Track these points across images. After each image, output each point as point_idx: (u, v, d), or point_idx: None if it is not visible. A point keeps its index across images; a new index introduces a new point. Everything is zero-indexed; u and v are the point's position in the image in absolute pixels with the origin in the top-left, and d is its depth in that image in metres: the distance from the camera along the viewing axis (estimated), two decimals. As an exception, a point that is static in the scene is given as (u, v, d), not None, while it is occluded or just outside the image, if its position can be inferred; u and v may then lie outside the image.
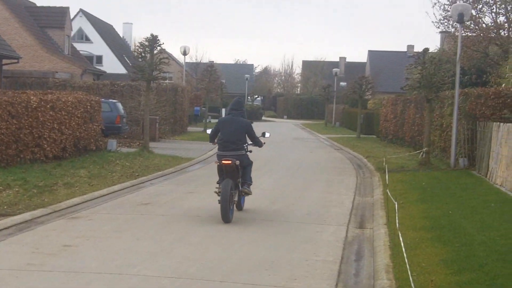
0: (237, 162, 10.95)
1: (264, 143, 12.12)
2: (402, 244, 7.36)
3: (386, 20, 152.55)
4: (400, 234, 7.82)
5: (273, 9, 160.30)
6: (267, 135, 12.77)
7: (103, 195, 13.60)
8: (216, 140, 11.63)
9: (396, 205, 9.55)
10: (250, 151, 11.59)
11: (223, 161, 11.01)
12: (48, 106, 17.56)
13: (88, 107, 20.73)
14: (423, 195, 14.09)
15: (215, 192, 11.49)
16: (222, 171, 11.18)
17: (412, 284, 6.76)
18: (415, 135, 26.93)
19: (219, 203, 10.84)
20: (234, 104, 11.59)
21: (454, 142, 19.67)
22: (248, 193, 11.56)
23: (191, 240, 9.54)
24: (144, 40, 23.35)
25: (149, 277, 7.48)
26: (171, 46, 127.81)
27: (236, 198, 11.32)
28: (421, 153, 20.73)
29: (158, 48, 23.43)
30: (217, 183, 11.39)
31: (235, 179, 11.07)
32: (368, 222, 11.59)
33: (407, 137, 28.42)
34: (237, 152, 11.10)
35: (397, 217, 8.70)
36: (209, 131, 12.00)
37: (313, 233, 10.29)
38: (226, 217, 10.69)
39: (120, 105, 27.47)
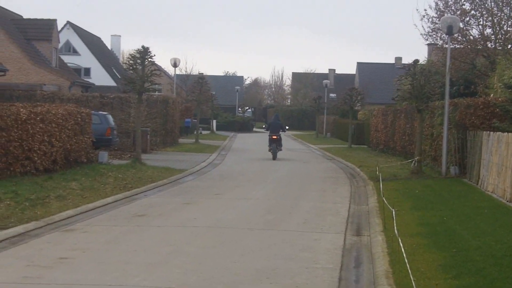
0: (276, 137, 28.67)
1: (288, 127, 32.09)
2: (402, 249, 7.39)
3: (375, 32, 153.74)
4: (400, 240, 7.84)
5: (262, 21, 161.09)
6: (287, 127, 29.05)
7: (97, 207, 13.51)
8: (268, 128, 30.13)
9: (394, 212, 9.58)
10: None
11: (273, 136, 28.54)
12: (38, 118, 17.43)
13: (79, 119, 20.63)
14: (417, 203, 14.16)
15: (269, 151, 28.67)
16: (272, 140, 28.60)
17: (414, 290, 6.77)
18: (406, 145, 27.07)
19: (269, 151, 28.65)
20: (275, 116, 31.32)
21: (445, 151, 19.81)
22: (280, 149, 29.03)
23: (189, 251, 9.49)
24: (135, 52, 23.36)
25: None
26: (160, 58, 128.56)
27: (276, 152, 28.36)
28: (413, 162, 20.83)
29: (149, 60, 23.43)
30: (269, 146, 28.86)
31: (276, 144, 28.48)
32: (365, 230, 11.62)
33: (398, 147, 28.55)
34: (277, 134, 28.72)
35: (395, 224, 8.73)
36: (261, 128, 40.20)
37: (311, 241, 10.29)
38: (275, 158, 28.16)
39: (110, 117, 27.38)
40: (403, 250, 7.59)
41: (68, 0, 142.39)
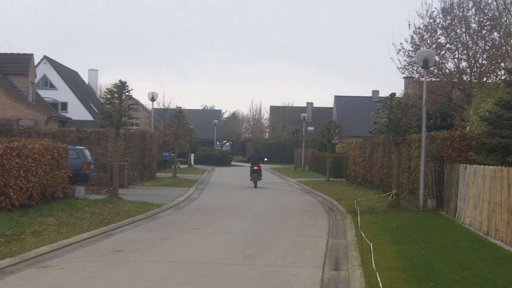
0: (257, 167, 33.05)
1: (266, 159, 42.64)
2: (380, 284, 7.37)
3: (352, 65, 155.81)
4: (377, 274, 7.82)
5: (241, 54, 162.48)
6: (265, 159, 40.36)
7: (73, 243, 13.33)
8: (249, 160, 34.73)
9: (371, 246, 9.58)
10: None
11: (254, 167, 32.85)
12: (14, 153, 17.25)
13: (55, 154, 20.45)
14: (395, 236, 14.18)
15: (250, 180, 33.13)
16: (253, 171, 32.93)
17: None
18: (383, 178, 27.23)
19: (251, 180, 33.10)
20: (255, 150, 35.86)
21: (422, 184, 19.95)
22: (260, 179, 33.43)
23: (167, 287, 9.37)
24: (112, 86, 23.34)
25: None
26: (137, 92, 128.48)
27: (257, 181, 32.76)
28: (391, 195, 20.93)
29: (127, 94, 23.41)
30: (250, 176, 33.34)
31: (257, 174, 32.92)
32: (343, 264, 11.59)
33: (376, 180, 28.70)
34: (258, 165, 33.24)
35: (373, 258, 8.72)
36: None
37: (289, 276, 10.22)
38: (256, 186, 32.56)
39: (87, 152, 27.21)
40: (380, 285, 7.58)
41: (45, 34, 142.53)
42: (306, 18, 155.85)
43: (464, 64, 31.38)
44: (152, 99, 41.36)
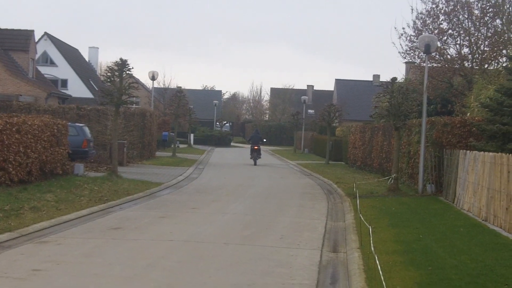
0: (257, 147, 36.22)
1: (265, 140, 44.83)
2: (379, 267, 7.38)
3: (353, 49, 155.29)
4: (376, 257, 7.83)
5: (243, 35, 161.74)
6: (264, 140, 40.18)
7: (72, 220, 13.35)
8: (249, 140, 40.90)
9: (370, 229, 9.59)
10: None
11: (254, 147, 36.03)
12: (14, 129, 17.21)
13: (55, 130, 20.42)
14: (393, 220, 14.21)
15: (250, 158, 36.45)
16: (253, 150, 36.08)
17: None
18: (383, 162, 27.23)
19: (251, 158, 36.24)
20: (255, 131, 39.20)
21: (421, 169, 19.95)
22: (259, 157, 36.38)
23: (165, 265, 9.39)
24: (113, 64, 23.21)
25: (123, 301, 7.32)
26: (138, 71, 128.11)
27: (256, 159, 35.90)
28: (390, 179, 20.94)
29: (127, 72, 23.30)
30: (250, 154, 36.55)
31: (257, 153, 35.88)
32: (341, 246, 11.62)
33: (375, 164, 28.71)
34: (257, 145, 36.34)
35: (371, 241, 8.73)
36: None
37: (287, 257, 10.25)
38: (255, 163, 35.47)
39: (87, 129, 27.17)
40: (379, 267, 7.59)
41: (45, 12, 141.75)
42: (308, 1, 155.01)
43: (466, 50, 31.28)
44: (153, 78, 41.24)
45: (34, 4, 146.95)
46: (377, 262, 7.66)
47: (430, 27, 30.80)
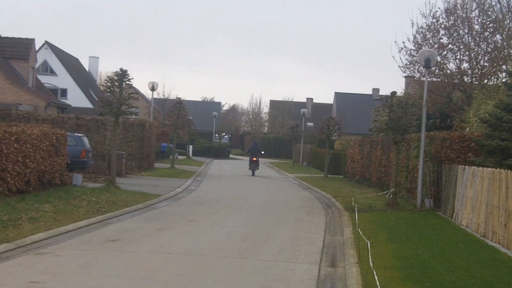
0: (255, 158, 37.91)
1: (263, 152, 46.38)
2: (377, 282, 7.36)
3: (353, 62, 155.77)
4: (374, 272, 7.80)
5: (243, 47, 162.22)
6: (262, 152, 42.55)
7: (69, 231, 13.30)
8: (248, 152, 41.17)
9: (369, 244, 9.57)
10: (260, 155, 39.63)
11: (253, 158, 37.90)
12: (13, 138, 17.21)
13: (54, 140, 20.42)
14: (392, 235, 14.18)
15: (249, 169, 38.07)
16: (251, 161, 37.95)
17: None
18: (381, 176, 27.22)
19: (249, 169, 37.88)
20: (254, 143, 40.77)
21: (420, 184, 19.95)
22: (257, 168, 38.25)
23: (163, 278, 9.36)
24: (113, 74, 23.25)
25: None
26: (138, 81, 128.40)
27: (255, 170, 37.55)
28: (388, 193, 20.92)
29: (127, 83, 23.33)
30: (249, 165, 38.23)
31: (255, 164, 37.55)
32: (339, 261, 11.58)
33: (374, 178, 28.70)
34: (256, 156, 38.14)
35: (370, 256, 8.71)
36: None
37: (285, 271, 10.21)
38: (253, 174, 37.11)
39: (85, 139, 27.15)
40: (377, 282, 7.57)
41: (46, 21, 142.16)
42: (308, 14, 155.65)
43: (465, 65, 31.41)
44: (152, 88, 41.30)
45: (35, 13, 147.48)
46: (376, 277, 7.64)
47: (430, 41, 30.94)
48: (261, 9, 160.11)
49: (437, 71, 31.00)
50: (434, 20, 30.94)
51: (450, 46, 30.95)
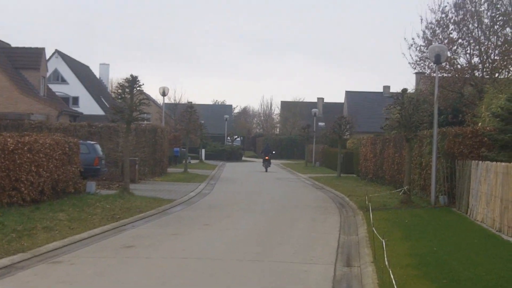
0: (268, 157, 46.55)
1: (274, 152, 58.93)
2: (393, 281, 7.32)
3: (363, 60, 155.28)
4: (390, 271, 7.76)
5: (253, 48, 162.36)
6: (273, 152, 55.63)
7: (84, 239, 13.35)
8: (261, 153, 56.03)
9: (384, 243, 9.52)
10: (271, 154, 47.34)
11: (266, 157, 46.67)
12: (26, 148, 17.30)
13: (66, 149, 20.51)
14: (407, 233, 14.11)
15: (262, 166, 46.69)
16: (264, 160, 46.70)
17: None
18: (395, 174, 27.10)
19: (262, 166, 46.62)
20: (266, 145, 53.37)
21: (433, 180, 19.84)
22: (269, 166, 46.65)
23: (178, 283, 9.37)
24: (123, 81, 23.33)
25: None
26: (149, 86, 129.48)
27: (267, 167, 45.96)
28: (402, 191, 20.82)
29: (138, 89, 23.41)
30: (263, 163, 46.99)
31: (268, 162, 46.16)
32: (355, 260, 11.54)
33: (387, 176, 28.58)
34: (268, 155, 46.87)
35: (385, 255, 8.66)
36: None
37: (301, 273, 10.19)
38: (266, 170, 45.24)
39: (98, 147, 27.26)
40: (393, 281, 7.53)
41: (57, 28, 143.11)
42: (318, 13, 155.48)
43: (476, 59, 31.17)
44: (163, 94, 41.42)
45: (44, 22, 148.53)
46: (392, 276, 7.60)
47: (440, 36, 30.74)
48: (270, 11, 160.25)
49: (447, 66, 30.80)
50: (443, 15, 30.77)
51: (460, 40, 30.74)
